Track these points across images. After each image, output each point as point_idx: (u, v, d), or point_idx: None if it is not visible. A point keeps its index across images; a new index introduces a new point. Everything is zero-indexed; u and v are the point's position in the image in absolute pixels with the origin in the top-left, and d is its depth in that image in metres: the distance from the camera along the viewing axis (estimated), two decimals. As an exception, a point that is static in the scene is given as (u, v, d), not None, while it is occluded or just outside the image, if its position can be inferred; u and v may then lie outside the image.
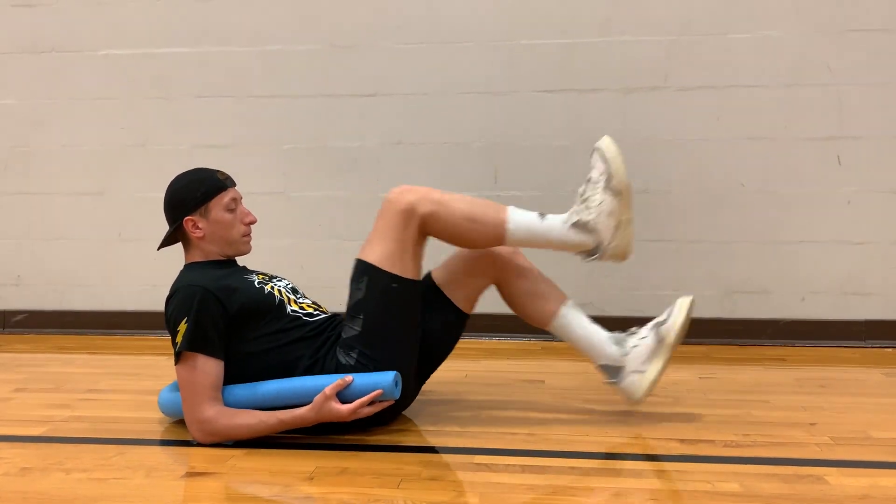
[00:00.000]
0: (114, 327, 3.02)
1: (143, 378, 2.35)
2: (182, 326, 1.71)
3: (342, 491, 1.47)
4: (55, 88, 3.00)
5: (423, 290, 1.87)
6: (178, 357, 1.71)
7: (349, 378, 1.67)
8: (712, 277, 2.79)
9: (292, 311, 1.83)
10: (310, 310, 1.87)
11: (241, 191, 1.93)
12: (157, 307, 1.87)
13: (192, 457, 1.66)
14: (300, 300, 1.89)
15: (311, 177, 2.92)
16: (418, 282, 1.81)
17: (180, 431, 1.81)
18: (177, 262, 1.90)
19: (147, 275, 2.99)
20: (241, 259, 1.96)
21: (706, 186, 2.75)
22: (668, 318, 1.82)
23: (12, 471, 1.59)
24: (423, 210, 1.76)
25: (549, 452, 1.67)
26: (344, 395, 1.67)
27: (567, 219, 1.80)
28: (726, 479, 1.50)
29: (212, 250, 1.87)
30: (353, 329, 1.77)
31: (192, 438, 1.72)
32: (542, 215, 1.81)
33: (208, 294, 1.73)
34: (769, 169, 2.73)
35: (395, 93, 2.86)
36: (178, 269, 1.88)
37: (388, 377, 1.67)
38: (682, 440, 1.73)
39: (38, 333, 3.04)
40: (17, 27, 2.99)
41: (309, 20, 2.87)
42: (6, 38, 3.00)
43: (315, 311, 1.87)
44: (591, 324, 1.89)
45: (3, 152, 3.06)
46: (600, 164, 1.80)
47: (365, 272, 1.78)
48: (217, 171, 1.89)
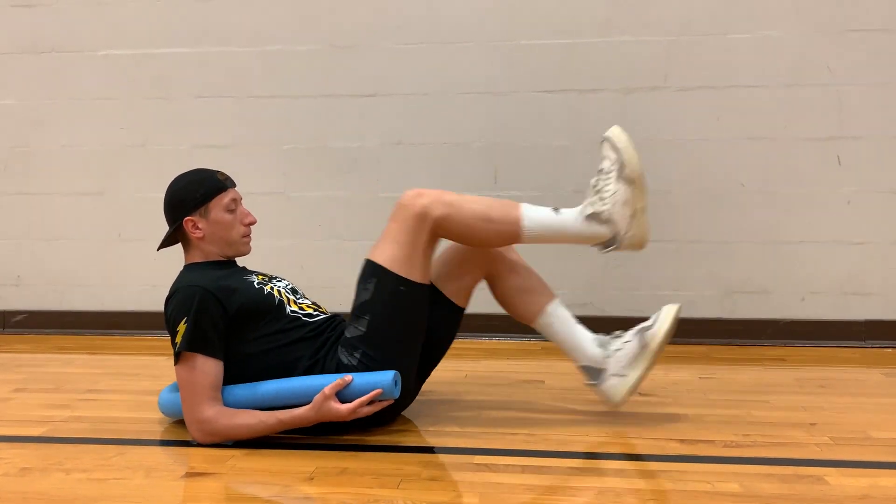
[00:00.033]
0: (114, 327, 3.02)
1: (142, 378, 2.35)
2: (181, 327, 1.71)
3: (342, 491, 1.47)
4: (55, 89, 3.00)
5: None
6: (178, 357, 1.71)
7: (348, 378, 1.67)
8: (712, 277, 2.79)
9: (292, 311, 1.83)
10: (309, 310, 1.87)
11: (241, 191, 1.93)
12: (157, 307, 1.87)
13: (192, 457, 1.66)
14: (300, 301, 1.89)
15: (311, 177, 2.92)
16: (426, 286, 1.80)
17: (180, 432, 1.81)
18: (177, 262, 1.90)
19: (147, 275, 3.00)
20: (242, 260, 1.96)
21: (706, 186, 2.75)
22: (654, 324, 1.80)
23: (12, 471, 1.59)
24: (436, 213, 1.75)
25: (548, 453, 1.67)
26: (343, 395, 1.67)
27: (581, 211, 1.78)
28: (726, 480, 1.50)
29: (211, 251, 1.87)
30: (358, 329, 1.77)
31: (192, 439, 1.72)
32: (555, 210, 1.79)
33: (208, 294, 1.73)
34: (769, 169, 2.73)
35: (395, 93, 2.86)
36: (178, 269, 1.88)
37: (387, 377, 1.67)
38: (681, 440, 1.73)
39: (37, 333, 3.04)
40: (17, 27, 2.99)
41: (309, 20, 2.87)
42: (6, 38, 3.01)
43: (315, 312, 1.87)
44: (577, 324, 1.89)
45: (3, 152, 3.06)
46: (611, 153, 1.79)
47: (373, 273, 1.78)
48: (217, 172, 1.89)
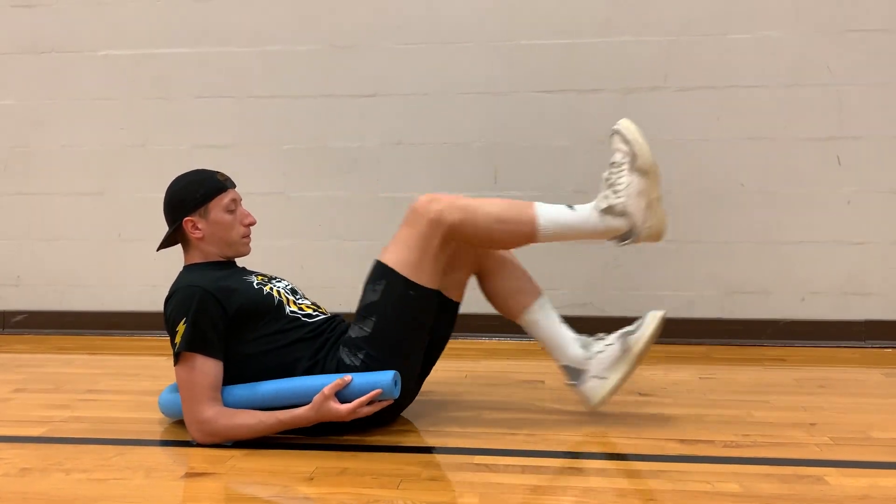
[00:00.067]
0: (113, 328, 3.02)
1: (142, 378, 2.35)
2: (181, 327, 1.71)
3: (342, 491, 1.47)
4: (55, 89, 3.00)
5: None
6: (177, 358, 1.71)
7: (348, 378, 1.67)
8: (712, 277, 2.79)
9: (291, 311, 1.83)
10: (309, 310, 1.86)
11: (241, 191, 1.93)
12: (157, 308, 1.87)
13: (192, 457, 1.66)
14: (299, 301, 1.89)
15: (311, 177, 2.92)
16: (435, 291, 1.80)
17: (180, 432, 1.81)
18: (177, 262, 1.90)
19: (147, 275, 2.99)
20: (242, 260, 1.96)
21: (706, 186, 2.75)
22: (637, 329, 1.80)
23: (12, 471, 1.59)
24: (450, 219, 1.74)
25: (548, 453, 1.67)
26: (343, 395, 1.66)
27: (596, 205, 1.77)
28: (726, 480, 1.50)
29: (211, 251, 1.87)
30: (363, 330, 1.76)
31: (192, 439, 1.72)
32: (570, 207, 1.78)
33: (207, 295, 1.73)
34: (769, 169, 2.73)
35: (395, 93, 2.86)
36: (178, 269, 1.88)
37: (387, 377, 1.67)
38: (681, 440, 1.73)
39: (37, 334, 3.04)
40: (16, 27, 2.99)
41: (309, 20, 2.87)
42: (6, 38, 3.01)
43: (314, 312, 1.87)
44: (561, 323, 1.89)
45: (3, 152, 3.06)
46: (622, 145, 1.78)
47: (383, 275, 1.77)
48: (217, 173, 1.89)
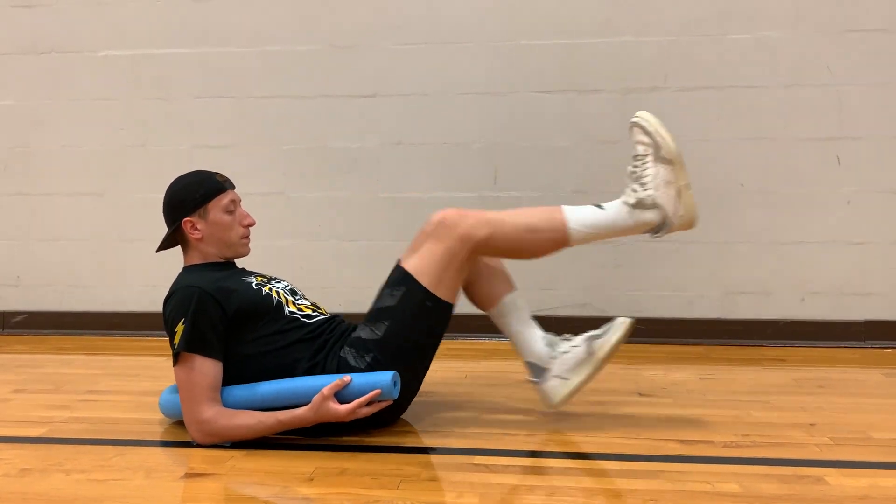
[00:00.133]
0: (113, 328, 3.02)
1: (142, 379, 2.35)
2: (180, 328, 1.71)
3: (342, 492, 1.47)
4: (55, 89, 3.00)
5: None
6: (177, 358, 1.71)
7: (347, 378, 1.67)
8: (712, 277, 2.79)
9: (290, 312, 1.82)
10: (308, 311, 1.86)
11: (241, 192, 1.93)
12: (157, 308, 1.87)
13: (192, 458, 1.66)
14: (299, 301, 1.88)
15: (311, 177, 2.92)
16: (451, 305, 1.80)
17: (180, 432, 1.81)
18: (176, 263, 1.90)
19: (147, 276, 2.99)
20: (241, 260, 1.96)
21: (706, 186, 2.75)
22: (604, 334, 1.81)
23: (12, 472, 1.59)
24: (480, 234, 1.74)
25: (548, 453, 1.68)
26: (342, 395, 1.66)
27: (625, 201, 1.76)
28: (726, 480, 1.50)
29: (210, 252, 1.87)
30: (374, 332, 1.76)
31: (192, 439, 1.72)
32: (598, 206, 1.78)
33: (206, 295, 1.73)
34: (769, 169, 2.73)
35: (395, 93, 2.86)
36: (178, 270, 1.88)
37: (386, 377, 1.67)
38: (681, 441, 1.73)
39: (37, 334, 3.04)
40: (16, 28, 2.99)
41: (309, 21, 2.87)
42: (6, 38, 3.01)
43: (313, 313, 1.87)
44: (530, 319, 1.90)
45: (2, 153, 3.06)
46: (643, 137, 1.77)
47: (403, 282, 1.77)
48: (216, 174, 1.89)
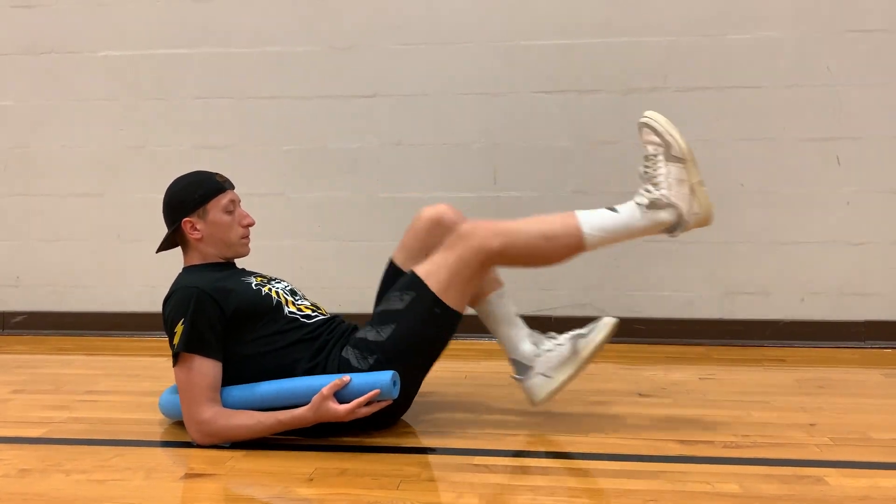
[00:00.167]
0: (113, 328, 3.01)
1: (142, 379, 2.34)
2: (179, 328, 1.71)
3: (341, 492, 1.46)
4: (54, 90, 3.00)
5: (391, 276, 1.92)
6: (176, 358, 1.71)
7: (347, 378, 1.66)
8: (712, 277, 2.79)
9: (290, 312, 1.82)
10: (308, 311, 1.86)
11: (241, 192, 1.93)
12: (157, 308, 1.87)
13: (192, 458, 1.66)
14: (298, 302, 1.88)
15: (311, 178, 2.92)
16: (459, 315, 1.80)
17: (179, 433, 1.81)
18: (176, 263, 1.90)
19: (146, 276, 2.99)
20: (241, 260, 1.96)
21: (706, 186, 2.75)
22: (589, 333, 1.81)
23: (11, 472, 1.59)
24: (494, 246, 1.73)
25: (548, 454, 1.68)
26: (342, 395, 1.66)
27: (639, 202, 1.76)
28: (726, 480, 1.50)
29: (210, 252, 1.87)
30: (379, 334, 1.76)
31: (191, 439, 1.72)
32: (611, 209, 1.77)
33: (205, 295, 1.73)
34: (769, 169, 2.73)
35: (395, 93, 2.85)
36: (178, 270, 1.88)
37: (385, 377, 1.66)
38: (681, 441, 1.73)
39: (37, 335, 3.04)
40: (16, 28, 2.99)
41: (308, 21, 2.87)
42: (5, 39, 3.00)
43: (313, 313, 1.87)
44: (516, 317, 1.91)
45: (2, 153, 3.05)
46: (652, 137, 1.78)
47: (413, 287, 1.77)
48: (215, 174, 1.89)
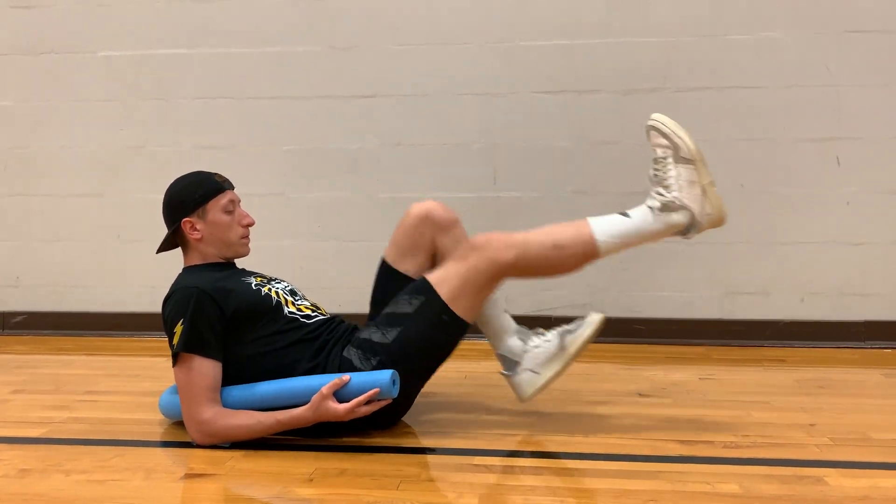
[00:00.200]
0: (113, 329, 3.01)
1: (142, 379, 2.34)
2: (178, 328, 1.71)
3: (341, 492, 1.46)
4: (54, 90, 3.00)
5: (384, 274, 1.93)
6: (175, 359, 1.71)
7: (346, 377, 1.66)
8: (712, 278, 2.79)
9: (290, 312, 1.82)
10: (308, 311, 1.86)
11: (241, 192, 1.93)
12: (157, 308, 1.87)
13: (191, 458, 1.66)
14: (298, 302, 1.88)
15: (311, 178, 2.92)
16: (467, 325, 1.79)
17: (179, 433, 1.81)
18: (176, 263, 1.90)
19: (146, 276, 2.99)
20: (241, 261, 1.96)
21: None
22: (576, 329, 1.82)
23: (11, 472, 1.59)
24: (508, 258, 1.73)
25: (548, 454, 1.68)
26: (341, 395, 1.66)
27: (651, 206, 1.75)
28: (726, 480, 1.50)
29: (210, 252, 1.87)
30: (384, 336, 1.76)
31: (191, 440, 1.72)
32: (623, 214, 1.77)
33: (204, 295, 1.73)
34: (768, 170, 2.73)
35: (395, 93, 2.86)
36: (178, 270, 1.88)
37: (385, 376, 1.66)
38: (681, 441, 1.73)
39: (37, 335, 3.04)
40: (16, 28, 2.99)
41: (308, 21, 2.87)
42: (5, 39, 3.00)
43: (313, 313, 1.87)
44: (504, 312, 1.92)
45: (2, 153, 3.05)
46: (661, 140, 1.77)
47: (423, 291, 1.77)
48: (215, 174, 1.89)
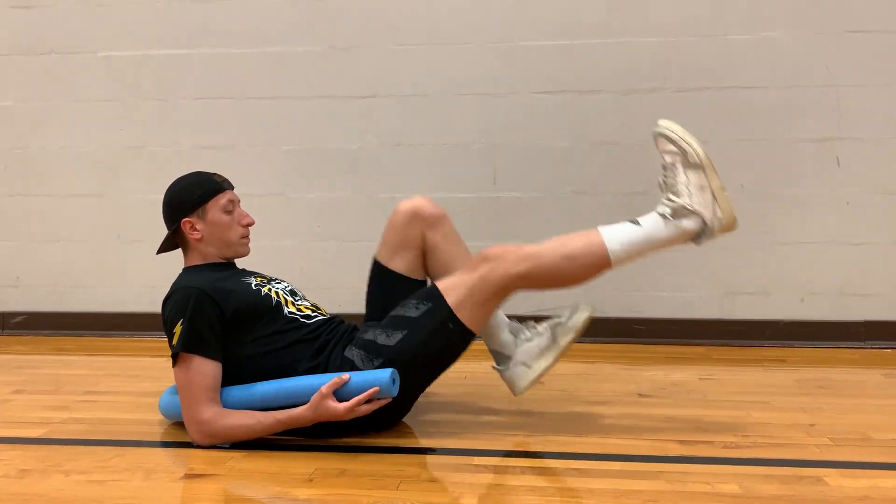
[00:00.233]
0: (113, 329, 3.01)
1: (142, 380, 2.34)
2: (178, 328, 1.71)
3: (341, 493, 1.46)
4: (54, 90, 3.00)
5: (377, 274, 1.94)
6: (175, 359, 1.71)
7: (346, 376, 1.66)
8: (712, 278, 2.79)
9: (290, 313, 1.82)
10: (308, 311, 1.86)
11: (241, 192, 1.93)
12: (157, 309, 1.87)
13: (191, 458, 1.66)
14: (298, 302, 1.88)
15: (311, 178, 2.92)
16: (472, 335, 1.79)
17: (179, 433, 1.81)
18: (176, 263, 1.90)
19: (146, 276, 2.99)
20: (241, 261, 1.96)
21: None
22: (568, 320, 1.82)
23: (11, 473, 1.59)
24: (519, 271, 1.72)
25: (548, 454, 1.67)
26: (341, 394, 1.66)
27: (662, 213, 1.75)
28: (725, 481, 1.50)
29: (210, 252, 1.87)
30: (389, 338, 1.76)
31: (191, 440, 1.72)
32: (633, 222, 1.76)
33: (203, 295, 1.73)
34: (769, 170, 2.73)
35: (395, 94, 2.86)
36: (178, 270, 1.88)
37: (384, 375, 1.66)
38: (681, 441, 1.73)
39: (37, 335, 3.04)
40: (16, 29, 2.99)
41: (308, 21, 2.87)
42: (5, 39, 3.00)
43: (313, 313, 1.87)
44: (495, 307, 1.90)
45: (2, 154, 3.05)
46: (669, 146, 1.76)
47: (431, 297, 1.77)
48: (214, 174, 1.89)
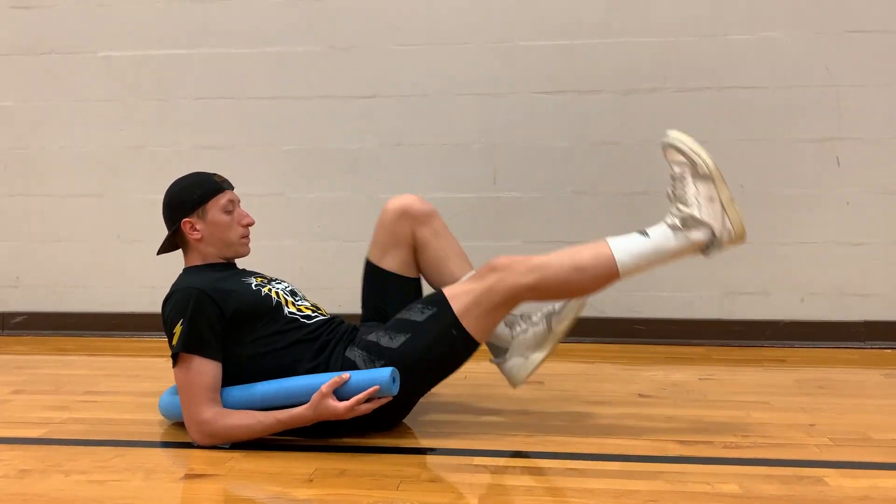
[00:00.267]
0: (113, 329, 3.02)
1: (142, 380, 2.34)
2: (178, 328, 1.71)
3: (341, 493, 1.46)
4: (54, 90, 3.00)
5: (370, 274, 1.96)
6: (175, 359, 1.71)
7: (346, 375, 1.66)
8: (712, 278, 2.79)
9: (290, 313, 1.82)
10: (308, 312, 1.86)
11: (241, 192, 1.93)
12: (157, 309, 1.87)
13: (191, 459, 1.66)
14: (298, 302, 1.88)
15: (311, 178, 2.92)
16: (476, 344, 1.78)
17: (179, 433, 1.81)
18: (176, 263, 1.90)
19: (146, 276, 2.99)
20: (242, 261, 1.96)
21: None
22: (562, 310, 1.83)
23: (11, 473, 1.59)
24: (527, 282, 1.71)
25: (548, 454, 1.67)
26: (341, 393, 1.66)
27: (671, 223, 1.74)
28: (725, 481, 1.50)
29: (210, 252, 1.87)
30: (392, 341, 1.76)
31: (192, 440, 1.72)
32: (642, 233, 1.74)
33: (203, 296, 1.73)
34: (769, 170, 2.73)
35: (395, 94, 2.86)
36: (178, 270, 1.88)
37: (384, 374, 1.66)
38: (681, 441, 1.73)
39: (37, 335, 3.04)
40: (16, 29, 2.99)
41: (308, 21, 2.87)
42: (5, 39, 3.00)
43: (313, 314, 1.87)
44: None
45: (2, 153, 3.05)
46: (678, 156, 1.76)
47: (437, 303, 1.77)
48: (214, 174, 1.89)
